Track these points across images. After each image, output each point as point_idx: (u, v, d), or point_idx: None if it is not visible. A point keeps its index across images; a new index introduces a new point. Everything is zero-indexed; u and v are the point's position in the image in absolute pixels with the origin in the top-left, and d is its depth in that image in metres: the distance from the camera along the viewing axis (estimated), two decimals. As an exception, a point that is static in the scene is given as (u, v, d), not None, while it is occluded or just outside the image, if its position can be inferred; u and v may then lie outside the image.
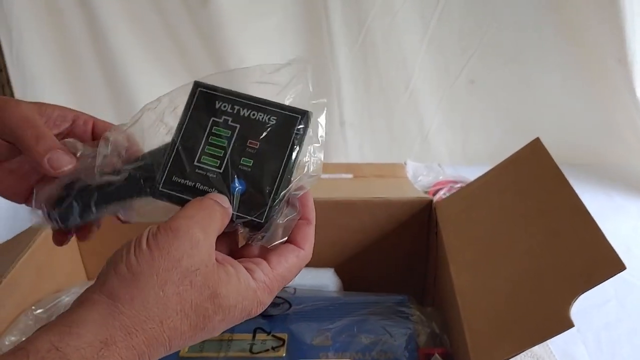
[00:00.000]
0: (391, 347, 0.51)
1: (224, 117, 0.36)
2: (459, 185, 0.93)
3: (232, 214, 0.34)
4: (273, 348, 0.51)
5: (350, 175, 0.88)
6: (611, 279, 0.80)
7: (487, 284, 0.47)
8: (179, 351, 0.51)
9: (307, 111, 0.36)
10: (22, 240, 0.58)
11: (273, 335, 0.53)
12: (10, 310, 0.53)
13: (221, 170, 0.35)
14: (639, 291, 0.77)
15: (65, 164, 0.36)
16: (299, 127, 0.36)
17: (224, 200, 0.34)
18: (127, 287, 0.29)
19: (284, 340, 0.52)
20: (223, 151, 0.35)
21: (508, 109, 1.10)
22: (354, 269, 0.66)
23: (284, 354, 0.51)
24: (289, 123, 0.36)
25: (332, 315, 0.55)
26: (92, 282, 0.42)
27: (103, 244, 0.66)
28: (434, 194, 0.92)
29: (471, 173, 1.03)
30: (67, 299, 0.58)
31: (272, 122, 0.36)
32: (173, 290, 0.30)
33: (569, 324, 0.37)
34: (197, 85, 0.37)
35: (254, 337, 0.52)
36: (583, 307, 0.39)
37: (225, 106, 0.36)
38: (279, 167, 0.35)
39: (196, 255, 0.30)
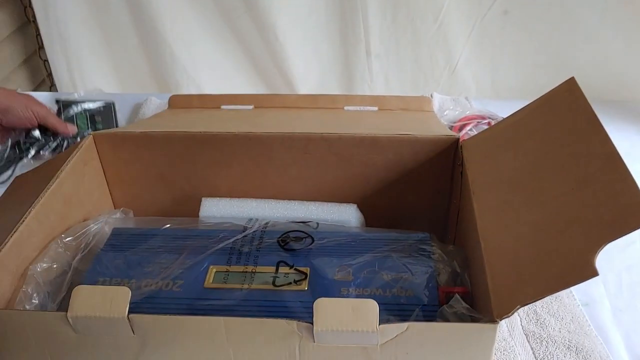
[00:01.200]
0: (412, 284, 0.52)
1: None
2: (486, 121, 0.91)
3: None
4: (295, 281, 0.52)
5: (375, 108, 0.87)
6: None
7: (511, 228, 0.46)
8: (204, 281, 0.53)
9: None
10: (49, 170, 0.59)
11: (296, 269, 0.54)
12: (41, 238, 0.55)
13: None
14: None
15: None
16: None
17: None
18: None
19: (306, 274, 0.53)
20: None
21: (542, 42, 1.06)
22: (377, 205, 0.66)
23: (306, 288, 0.52)
24: None
25: (353, 251, 0.56)
26: (118, 210, 0.51)
27: (129, 173, 0.68)
28: (460, 129, 0.90)
29: (499, 108, 1.02)
30: (95, 227, 0.59)
31: None
32: None
33: (593, 272, 0.36)
34: None
35: (277, 270, 0.53)
36: (605, 248, 0.38)
37: None
38: None
39: None
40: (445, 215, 0.67)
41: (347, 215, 0.64)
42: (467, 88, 1.13)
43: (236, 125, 0.71)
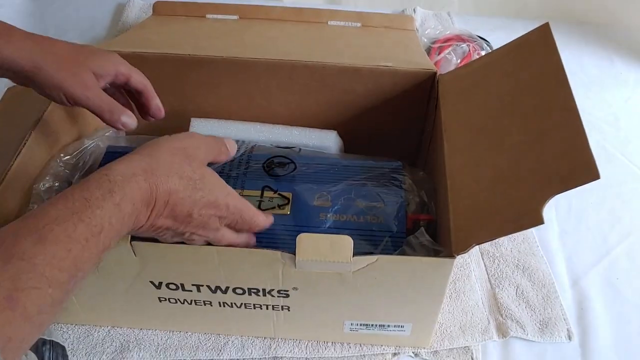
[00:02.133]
0: (383, 212, 0.57)
1: None
2: (464, 44, 0.94)
3: None
4: (279, 206, 0.57)
5: (358, 24, 0.88)
6: (593, 150, 0.85)
7: (475, 170, 0.51)
8: None
9: None
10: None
11: (279, 194, 0.59)
12: (41, 157, 0.58)
13: None
14: (618, 162, 0.83)
15: (131, 123, 0.53)
16: None
17: (232, 146, 0.52)
18: (149, 148, 0.43)
19: (288, 199, 0.58)
20: None
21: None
22: (356, 130, 0.71)
23: (289, 212, 0.57)
24: None
25: (332, 178, 0.61)
26: (110, 128, 0.61)
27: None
28: (438, 52, 0.93)
29: (479, 25, 1.04)
30: (91, 145, 0.62)
31: None
32: (177, 161, 0.43)
33: (539, 221, 0.42)
34: None
35: (262, 194, 0.58)
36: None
37: None
38: None
39: (198, 152, 0.45)
40: (418, 143, 0.73)
41: (327, 141, 0.68)
42: (450, 2, 1.13)
43: (223, 45, 0.73)
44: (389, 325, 0.55)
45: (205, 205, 0.43)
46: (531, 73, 0.54)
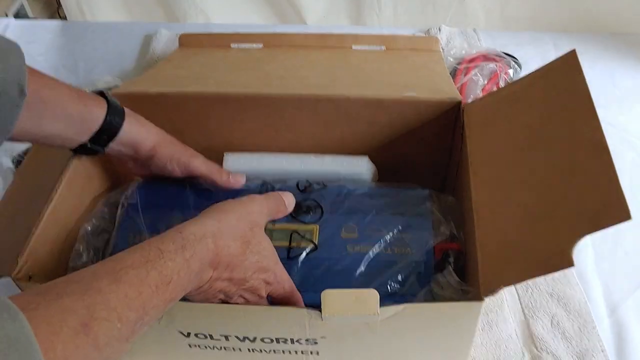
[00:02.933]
0: (410, 243, 0.57)
1: None
2: (491, 64, 0.92)
3: None
4: (307, 253, 0.57)
5: (382, 47, 0.88)
6: (627, 168, 0.82)
7: (503, 207, 0.50)
8: None
9: None
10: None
11: (307, 238, 0.58)
12: (74, 202, 0.60)
13: None
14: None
15: (241, 180, 0.63)
16: None
17: (290, 202, 0.56)
18: (218, 212, 0.47)
19: (316, 246, 0.57)
20: None
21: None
22: (381, 161, 0.70)
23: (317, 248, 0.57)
24: None
25: (359, 209, 0.61)
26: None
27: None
28: (465, 74, 0.92)
29: (507, 41, 1.02)
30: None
31: None
32: (242, 227, 0.47)
33: (569, 263, 0.41)
34: None
35: (290, 242, 0.57)
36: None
37: None
38: None
39: (260, 217, 0.50)
40: (445, 173, 0.72)
41: (360, 168, 0.68)
42: (476, 19, 1.12)
43: (247, 79, 0.74)
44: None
45: (258, 269, 0.47)
46: (558, 103, 0.53)
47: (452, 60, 0.97)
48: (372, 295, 0.44)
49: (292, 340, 0.49)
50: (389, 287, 0.54)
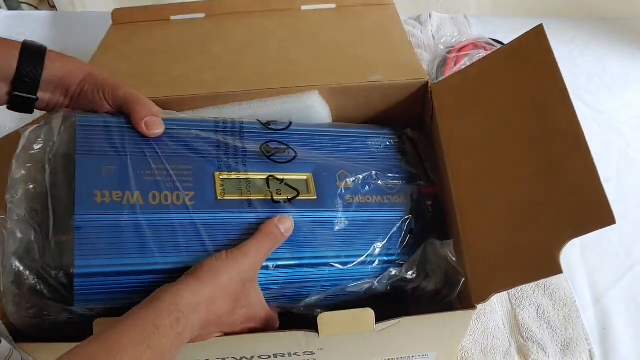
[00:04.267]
0: (402, 190, 0.57)
1: None
2: (482, 52, 0.92)
3: None
4: (288, 200, 0.52)
5: (333, 6, 0.81)
6: (614, 156, 0.82)
7: (486, 206, 0.49)
8: (215, 192, 0.50)
9: None
10: None
11: (286, 184, 0.53)
12: None
13: None
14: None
15: (155, 131, 0.51)
16: None
17: (288, 229, 0.50)
18: (212, 275, 0.45)
19: (297, 191, 0.53)
20: None
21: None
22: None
23: (315, 197, 0.53)
24: None
25: (337, 153, 0.57)
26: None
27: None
28: (456, 63, 0.92)
29: (498, 27, 1.02)
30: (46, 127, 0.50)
31: None
32: (234, 286, 0.45)
33: (557, 270, 0.41)
34: None
35: (268, 184, 0.52)
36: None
37: None
38: None
39: (253, 273, 0.47)
40: None
41: (312, 102, 0.62)
42: (467, 4, 1.11)
43: (197, 72, 0.67)
44: (413, 356, 0.55)
45: (246, 320, 0.48)
46: (530, 86, 0.50)
47: (442, 49, 0.95)
48: (367, 314, 0.45)
49: (289, 354, 0.49)
50: (387, 247, 0.53)
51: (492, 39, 0.94)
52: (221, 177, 0.51)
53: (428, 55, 0.96)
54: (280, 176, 0.53)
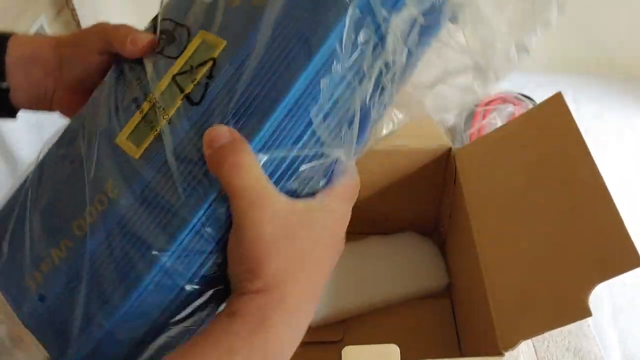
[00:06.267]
0: None
1: None
2: (509, 106, 0.90)
3: None
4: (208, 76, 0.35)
5: None
6: None
7: (510, 256, 0.49)
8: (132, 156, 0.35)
9: None
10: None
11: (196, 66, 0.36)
12: None
13: None
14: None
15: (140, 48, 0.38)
16: None
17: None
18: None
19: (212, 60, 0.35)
20: None
21: (571, 15, 1.02)
22: (372, 209, 0.68)
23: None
24: None
25: None
26: None
27: None
28: (483, 116, 0.90)
29: (524, 82, 0.99)
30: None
31: None
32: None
33: (586, 313, 0.40)
34: None
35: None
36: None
37: None
38: None
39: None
40: (436, 216, 0.70)
41: None
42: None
43: None
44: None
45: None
46: (551, 146, 0.52)
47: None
48: (393, 350, 0.43)
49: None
50: None
51: (520, 94, 0.92)
52: (124, 136, 0.36)
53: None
54: (181, 62, 0.36)
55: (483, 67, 0.37)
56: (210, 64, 0.34)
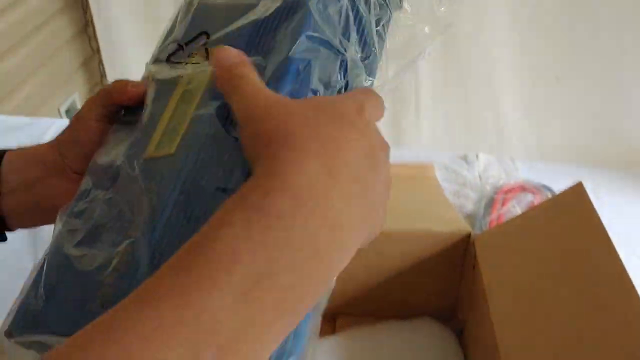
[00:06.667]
0: None
1: None
2: (529, 195, 0.89)
3: None
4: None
5: None
6: None
7: (533, 349, 0.48)
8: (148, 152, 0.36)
9: None
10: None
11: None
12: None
13: None
14: None
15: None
16: None
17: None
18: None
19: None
20: None
21: (592, 109, 1.03)
22: (388, 293, 0.68)
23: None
24: None
25: None
26: None
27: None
28: (503, 204, 0.89)
29: (545, 172, 0.99)
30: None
31: None
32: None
33: None
34: None
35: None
36: None
37: None
38: None
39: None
40: (453, 302, 0.69)
41: None
42: (513, 148, 1.11)
43: None
44: None
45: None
46: (573, 235, 0.51)
47: (489, 189, 0.95)
48: None
49: None
50: None
51: (540, 184, 0.91)
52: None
53: (474, 194, 0.95)
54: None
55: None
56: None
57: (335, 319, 0.70)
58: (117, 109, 0.41)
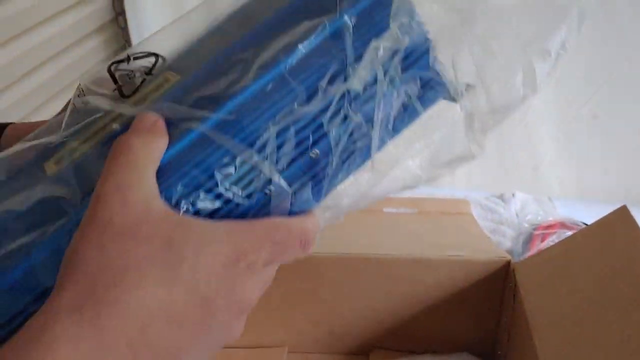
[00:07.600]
0: None
1: None
2: (568, 233, 0.87)
3: None
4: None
5: (415, 210, 0.85)
6: None
7: None
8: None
9: None
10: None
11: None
12: None
13: None
14: None
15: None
16: None
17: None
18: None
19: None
20: None
21: (630, 148, 1.01)
22: (425, 324, 0.65)
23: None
24: None
25: None
26: None
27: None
28: (542, 240, 0.87)
29: (583, 212, 0.96)
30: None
31: None
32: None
33: None
34: None
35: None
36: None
37: None
38: None
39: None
40: (494, 334, 0.66)
41: None
42: (550, 187, 1.08)
43: None
44: None
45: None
46: (619, 259, 0.49)
47: (527, 226, 0.93)
48: None
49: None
50: None
51: (581, 222, 0.90)
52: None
53: (511, 231, 0.93)
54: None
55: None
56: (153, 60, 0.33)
57: (368, 353, 0.68)
58: None
